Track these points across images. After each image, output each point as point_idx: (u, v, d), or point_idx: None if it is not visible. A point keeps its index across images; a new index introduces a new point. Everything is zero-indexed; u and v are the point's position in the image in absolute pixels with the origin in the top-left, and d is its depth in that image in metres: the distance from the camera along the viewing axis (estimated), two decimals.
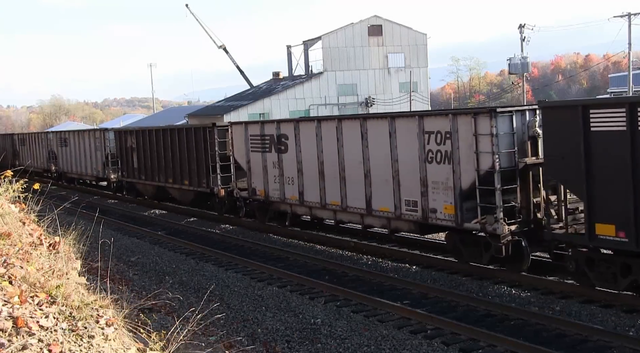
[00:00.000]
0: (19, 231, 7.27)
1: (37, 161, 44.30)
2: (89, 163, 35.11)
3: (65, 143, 38.68)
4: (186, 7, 67.90)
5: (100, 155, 33.54)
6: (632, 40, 51.61)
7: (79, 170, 37.18)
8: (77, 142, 36.81)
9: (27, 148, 46.46)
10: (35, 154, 45.16)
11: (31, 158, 45.64)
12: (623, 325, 10.73)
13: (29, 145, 45.99)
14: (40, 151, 43.73)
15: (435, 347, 10.15)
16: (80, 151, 36.36)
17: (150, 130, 28.38)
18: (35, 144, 44.75)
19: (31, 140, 46.00)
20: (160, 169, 27.08)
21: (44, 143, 42.86)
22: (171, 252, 18.68)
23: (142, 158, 28.49)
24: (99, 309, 5.34)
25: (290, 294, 13.54)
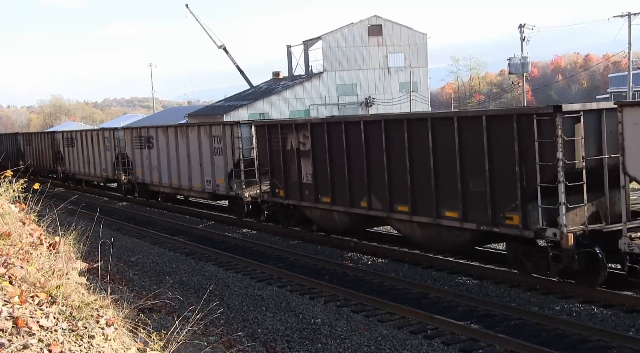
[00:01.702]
0: (19, 231, 7.28)
1: (42, 161, 43.13)
2: (98, 163, 33.78)
3: (72, 143, 37.27)
4: (186, 7, 68.06)
5: (110, 155, 32.14)
6: (632, 41, 51.69)
7: (86, 171, 35.85)
8: (85, 142, 35.41)
9: (32, 148, 45.28)
10: (40, 155, 43.91)
11: (37, 158, 44.43)
12: (623, 325, 10.73)
13: (35, 145, 44.75)
14: (46, 151, 42.38)
15: (435, 347, 10.15)
16: (88, 151, 35.03)
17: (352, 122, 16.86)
18: (41, 144, 43.45)
19: (37, 140, 44.76)
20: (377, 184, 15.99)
21: (50, 143, 41.53)
22: (171, 252, 18.68)
23: (332, 166, 17.27)
24: (99, 309, 5.34)
25: (290, 294, 13.54)
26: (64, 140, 38.67)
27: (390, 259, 16.11)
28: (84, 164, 35.83)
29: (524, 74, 57.29)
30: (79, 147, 36.24)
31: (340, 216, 17.37)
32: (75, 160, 37.01)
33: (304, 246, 18.47)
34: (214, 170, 23.24)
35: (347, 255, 16.96)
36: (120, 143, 30.84)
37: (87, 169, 35.43)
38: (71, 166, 37.87)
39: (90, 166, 34.87)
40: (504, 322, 11.13)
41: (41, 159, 43.29)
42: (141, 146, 28.52)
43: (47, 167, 42.02)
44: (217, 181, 23.14)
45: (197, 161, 24.29)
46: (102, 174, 33.55)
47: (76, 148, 36.61)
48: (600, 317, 11.11)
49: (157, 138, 27.20)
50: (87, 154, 35.15)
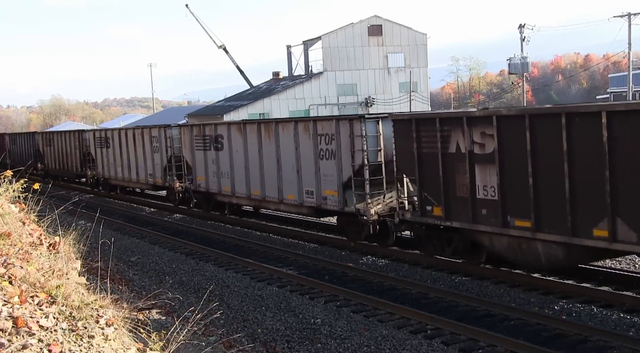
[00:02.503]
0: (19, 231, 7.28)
1: (67, 164, 38.49)
2: (142, 168, 28.75)
3: (106, 144, 32.65)
4: (186, 7, 68.03)
5: (160, 158, 27.03)
6: (632, 40, 51.66)
7: (126, 176, 30.66)
8: (125, 142, 30.39)
9: (54, 149, 40.40)
10: (64, 157, 38.97)
11: (59, 160, 39.79)
12: (623, 325, 10.73)
13: (57, 146, 39.75)
14: (72, 152, 37.48)
15: (435, 347, 10.15)
16: (129, 153, 30.04)
17: None
18: (66, 145, 38.40)
19: (60, 140, 39.46)
20: None
21: (77, 143, 36.56)
22: (171, 252, 18.68)
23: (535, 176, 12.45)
24: (99, 309, 5.34)
25: (290, 294, 13.54)
26: (96, 140, 34.10)
27: (390, 259, 16.11)
28: (122, 168, 30.95)
29: (524, 74, 57.28)
30: (115, 148, 31.50)
31: (548, 249, 12.25)
32: (111, 163, 32.17)
33: (304, 246, 18.47)
34: (319, 179, 18.14)
35: (347, 255, 16.96)
36: (175, 143, 25.86)
37: (127, 174, 30.44)
38: (105, 170, 33.04)
39: (132, 171, 29.85)
40: (504, 322, 11.13)
41: (65, 162, 38.86)
42: (205, 147, 23.51)
43: (72, 171, 37.89)
44: (323, 192, 18.04)
45: (291, 167, 19.24)
46: (148, 181, 28.62)
47: (112, 149, 31.91)
48: (600, 317, 11.11)
49: (230, 137, 22.04)
50: (127, 157, 30.21)
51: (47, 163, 41.83)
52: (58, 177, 40.76)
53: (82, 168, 36.19)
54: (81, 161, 36.13)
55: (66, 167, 38.75)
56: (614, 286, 12.51)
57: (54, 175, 40.96)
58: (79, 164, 36.51)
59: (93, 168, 34.64)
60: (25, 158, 45.71)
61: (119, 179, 31.80)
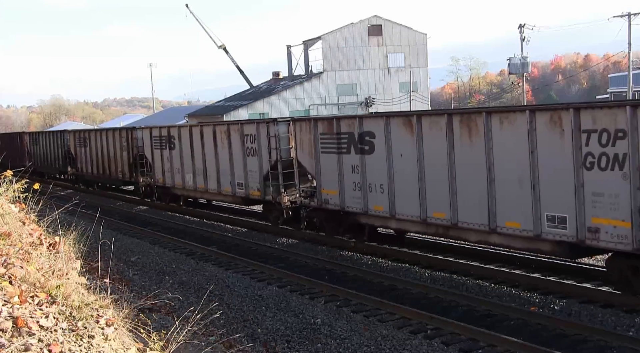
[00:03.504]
0: (19, 231, 7.28)
1: (110, 169, 32.25)
2: (226, 175, 22.28)
3: (168, 144, 25.97)
4: (186, 7, 68.10)
5: (259, 162, 20.42)
6: (632, 40, 51.70)
7: (199, 185, 24.01)
8: (197, 142, 23.86)
9: (91, 151, 34.63)
10: (106, 160, 32.74)
11: (98, 164, 33.86)
12: (623, 325, 10.73)
13: (96, 146, 33.95)
14: (118, 154, 31.27)
15: (435, 347, 10.15)
16: (205, 156, 23.43)
17: None
18: (108, 146, 32.48)
19: (100, 139, 33.49)
20: None
21: (125, 144, 30.38)
22: (171, 252, 18.68)
23: None
24: (99, 309, 5.34)
25: (290, 294, 13.54)
26: (154, 140, 27.21)
27: (390, 259, 16.11)
28: (193, 175, 24.34)
29: (524, 74, 57.34)
30: (184, 149, 24.79)
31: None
32: (176, 169, 25.54)
33: (304, 246, 18.47)
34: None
35: (347, 255, 16.96)
36: (282, 144, 19.68)
37: (201, 183, 23.95)
38: (166, 177, 26.51)
39: (209, 179, 23.51)
40: (504, 322, 11.13)
41: (106, 166, 32.77)
42: (340, 150, 16.97)
43: (116, 176, 31.94)
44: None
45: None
46: (236, 192, 22.00)
47: (178, 150, 25.27)
48: (600, 317, 11.11)
49: None
50: (201, 161, 23.80)
51: (81, 167, 36.25)
52: (93, 183, 36.29)
53: (130, 174, 30.11)
54: (130, 166, 30.02)
55: (107, 172, 32.81)
56: (613, 286, 12.50)
57: (88, 181, 36.56)
58: (127, 169, 30.45)
59: (147, 174, 28.51)
60: (50, 160, 41.64)
61: (187, 188, 25.25)
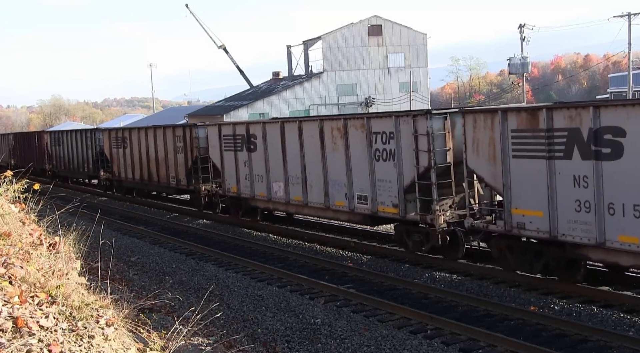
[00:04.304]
0: (19, 231, 7.28)
1: (158, 173, 27.60)
2: (341, 184, 17.06)
3: (246, 145, 20.74)
4: (186, 7, 68.03)
5: (397, 169, 15.35)
6: (632, 40, 51.67)
7: (297, 197, 18.82)
8: (293, 141, 18.69)
9: (132, 152, 29.73)
10: (152, 162, 27.94)
11: (141, 168, 28.94)
12: (623, 325, 10.73)
13: (138, 147, 28.83)
14: (171, 156, 26.29)
15: (435, 347, 10.15)
16: (304, 159, 18.31)
17: None
18: (156, 146, 27.42)
19: (144, 138, 28.40)
20: None
21: (182, 144, 25.51)
22: (171, 252, 18.68)
23: None
24: (99, 309, 5.34)
25: (290, 294, 13.54)
26: (223, 139, 22.08)
27: (390, 259, 16.11)
28: (286, 184, 19.23)
29: (524, 74, 57.29)
30: (271, 151, 19.73)
31: None
32: (259, 176, 20.44)
33: (303, 246, 18.46)
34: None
35: (347, 255, 16.96)
36: (438, 144, 14.44)
37: (309, 195, 18.45)
38: (242, 186, 21.42)
39: (311, 189, 18.34)
40: (504, 322, 11.13)
41: (153, 170, 28.03)
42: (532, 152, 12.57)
43: (167, 183, 27.00)
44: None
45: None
46: (354, 206, 16.85)
47: (260, 152, 20.17)
48: (600, 317, 11.11)
49: None
50: (299, 165, 18.56)
51: (118, 171, 31.57)
52: (133, 191, 31.83)
53: (188, 181, 25.30)
54: (188, 171, 25.24)
55: (155, 178, 28.01)
56: (614, 286, 12.51)
57: (127, 188, 31.89)
58: (183, 174, 25.61)
59: (213, 182, 23.87)
60: (77, 163, 37.12)
61: (275, 201, 19.92)
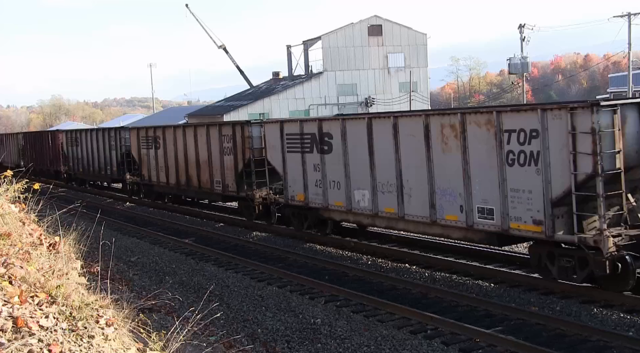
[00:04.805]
0: (19, 231, 7.28)
1: (202, 177, 23.99)
2: (452, 193, 13.93)
3: (318, 144, 17.37)
4: (186, 7, 68.04)
5: (543, 174, 12.04)
6: (632, 41, 51.67)
7: (389, 208, 15.46)
8: (383, 139, 15.43)
9: (162, 154, 26.49)
10: (191, 165, 24.62)
11: (175, 172, 25.65)
12: (623, 325, 10.73)
13: (171, 148, 25.83)
14: (217, 158, 22.85)
15: (435, 347, 10.15)
16: (402, 162, 15.04)
17: None
18: (194, 146, 24.26)
19: (178, 139, 25.31)
20: None
21: (225, 144, 22.30)
22: (171, 252, 18.68)
23: None
24: (99, 309, 5.34)
25: (290, 294, 13.54)
26: (290, 139, 18.52)
27: (390, 259, 16.11)
28: (374, 192, 15.81)
29: (524, 74, 57.25)
30: (352, 149, 16.40)
31: None
32: (332, 182, 17.07)
33: (303, 246, 18.47)
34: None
35: (347, 255, 16.96)
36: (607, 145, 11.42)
37: (405, 206, 15.14)
38: (316, 195, 17.83)
39: (410, 200, 15.02)
40: (504, 322, 11.13)
41: (189, 174, 24.74)
42: None
43: (210, 188, 23.59)
44: None
45: None
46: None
47: (335, 154, 16.90)
48: (600, 317, 11.11)
49: None
50: (403, 168, 15.10)
51: (148, 175, 28.14)
52: (164, 196, 28.21)
53: (238, 186, 21.94)
54: (238, 175, 21.83)
55: (194, 182, 24.66)
56: None
57: (159, 193, 28.30)
58: (233, 179, 22.22)
59: (270, 188, 20.90)
60: (97, 165, 33.65)
61: (357, 211, 16.49)
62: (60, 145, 38.64)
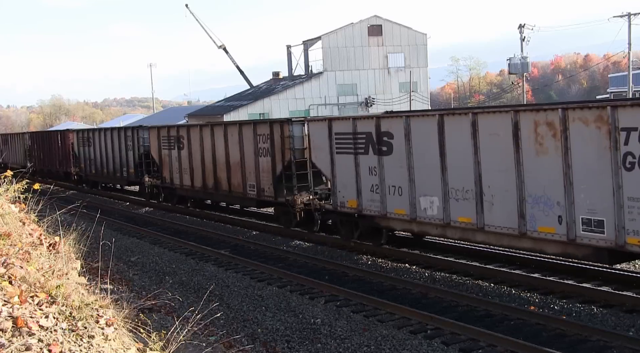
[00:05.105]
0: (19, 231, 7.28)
1: (234, 180, 21.97)
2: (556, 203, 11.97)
3: (376, 145, 15.50)
4: (186, 7, 68.08)
5: None
6: (632, 40, 51.67)
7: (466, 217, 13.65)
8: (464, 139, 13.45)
9: (186, 155, 24.49)
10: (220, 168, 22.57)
11: (201, 174, 23.69)
12: (623, 325, 10.73)
13: (196, 148, 23.84)
14: (252, 160, 20.78)
15: (435, 347, 10.15)
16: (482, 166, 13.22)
17: None
18: (224, 146, 22.15)
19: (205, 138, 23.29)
20: None
21: (262, 144, 20.28)
22: (171, 252, 18.68)
23: None
24: (99, 309, 5.35)
25: (290, 294, 13.54)
26: (341, 139, 16.60)
27: (390, 259, 16.11)
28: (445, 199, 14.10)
29: (524, 74, 57.27)
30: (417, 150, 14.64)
31: None
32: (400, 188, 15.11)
33: (303, 246, 18.47)
34: None
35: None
36: None
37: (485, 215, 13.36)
38: (375, 204, 15.89)
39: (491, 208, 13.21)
40: (504, 322, 11.13)
41: (218, 178, 22.78)
42: None
43: (244, 192, 21.42)
44: None
45: None
46: None
47: (395, 156, 15.13)
48: (600, 317, 11.11)
49: None
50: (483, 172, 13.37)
51: (169, 177, 25.98)
52: (187, 200, 26.19)
53: (276, 191, 19.95)
54: (276, 178, 19.91)
55: (222, 186, 22.71)
56: (614, 286, 12.51)
57: (181, 197, 26.24)
58: (270, 182, 20.25)
59: (314, 192, 18.65)
60: (112, 167, 31.82)
61: (424, 221, 14.71)
62: (71, 145, 36.84)
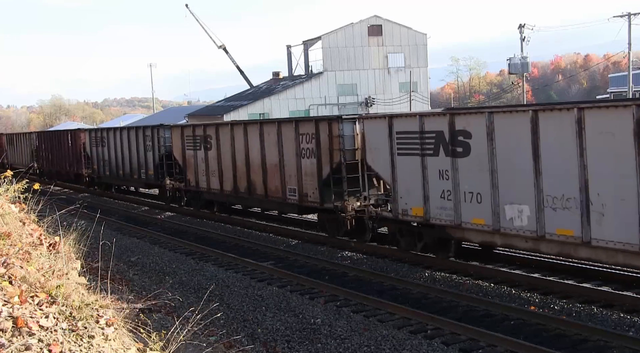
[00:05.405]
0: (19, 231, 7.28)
1: (271, 185, 20.23)
2: None
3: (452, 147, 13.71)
4: (186, 7, 68.08)
5: None
6: (632, 40, 51.66)
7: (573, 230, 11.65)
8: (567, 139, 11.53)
9: (215, 156, 22.74)
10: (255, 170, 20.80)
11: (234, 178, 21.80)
12: (623, 325, 10.74)
13: (227, 149, 22.05)
14: (294, 162, 18.98)
15: (435, 347, 10.15)
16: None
17: None
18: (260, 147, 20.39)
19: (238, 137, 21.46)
20: None
21: (306, 144, 18.48)
22: (171, 252, 18.68)
23: None
24: (99, 309, 5.35)
25: (290, 294, 13.54)
26: (403, 139, 14.98)
27: (390, 259, 16.10)
28: None
29: (524, 74, 57.26)
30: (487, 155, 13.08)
31: None
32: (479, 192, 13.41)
33: (303, 246, 18.47)
34: None
35: (347, 255, 16.96)
36: None
37: None
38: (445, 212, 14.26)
39: None
40: (504, 322, 11.13)
41: (252, 181, 21.01)
42: None
43: (283, 197, 19.65)
44: None
45: None
46: None
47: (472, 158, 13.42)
48: (600, 317, 11.11)
49: None
50: None
51: (194, 179, 24.33)
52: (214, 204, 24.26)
53: (322, 196, 18.24)
54: (322, 182, 18.14)
55: (257, 190, 21.12)
56: (614, 286, 12.51)
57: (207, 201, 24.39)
58: (315, 186, 18.40)
59: (376, 199, 17.28)
60: (128, 168, 29.63)
61: (511, 233, 12.84)
62: (82, 146, 34.79)
